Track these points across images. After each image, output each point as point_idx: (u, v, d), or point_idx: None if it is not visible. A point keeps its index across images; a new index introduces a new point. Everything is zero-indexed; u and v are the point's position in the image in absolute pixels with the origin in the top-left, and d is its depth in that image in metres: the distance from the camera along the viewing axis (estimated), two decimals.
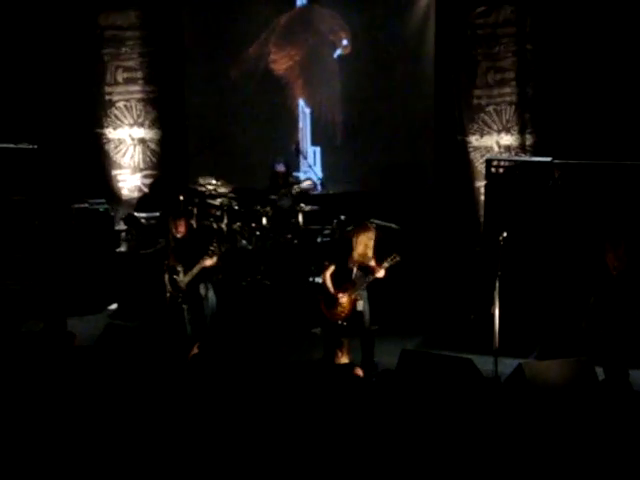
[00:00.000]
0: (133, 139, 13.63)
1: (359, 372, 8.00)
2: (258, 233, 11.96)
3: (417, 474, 6.40)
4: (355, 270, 9.44)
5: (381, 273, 9.37)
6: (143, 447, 6.69)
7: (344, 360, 8.17)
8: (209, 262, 9.85)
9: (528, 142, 12.44)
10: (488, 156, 11.98)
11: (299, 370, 8.36)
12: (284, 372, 8.27)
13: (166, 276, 9.90)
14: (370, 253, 9.40)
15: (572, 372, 7.89)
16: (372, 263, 9.42)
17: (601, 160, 10.57)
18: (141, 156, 13.69)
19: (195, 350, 8.27)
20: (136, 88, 13.61)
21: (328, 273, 9.54)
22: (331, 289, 9.47)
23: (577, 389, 7.64)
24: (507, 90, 12.55)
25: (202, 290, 10.01)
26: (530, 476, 6.38)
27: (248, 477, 6.44)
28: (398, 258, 9.36)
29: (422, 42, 13.07)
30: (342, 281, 9.47)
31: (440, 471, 6.41)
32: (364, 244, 9.37)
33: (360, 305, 9.47)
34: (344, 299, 9.46)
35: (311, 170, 13.10)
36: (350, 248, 9.41)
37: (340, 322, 9.50)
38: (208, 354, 8.24)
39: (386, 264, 9.36)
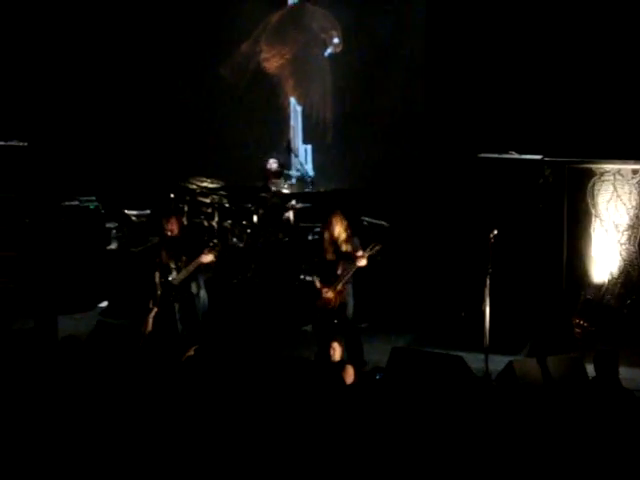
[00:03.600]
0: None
1: (350, 370, 8.02)
2: (249, 231, 11.96)
3: (408, 471, 6.41)
4: (340, 264, 9.49)
5: (363, 262, 9.40)
6: (135, 443, 6.68)
7: (336, 358, 8.21)
8: (208, 258, 9.75)
9: (518, 139, 12.44)
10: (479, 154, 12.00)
11: (291, 368, 8.37)
12: (277, 370, 8.27)
13: (157, 274, 9.88)
14: (344, 235, 9.45)
15: (562, 369, 7.91)
16: (357, 252, 9.47)
17: (592, 158, 10.59)
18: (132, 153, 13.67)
19: (191, 352, 8.27)
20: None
21: (314, 266, 9.64)
22: (317, 284, 9.53)
23: (567, 386, 7.66)
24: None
25: (194, 288, 9.98)
26: (521, 473, 6.39)
27: (244, 474, 6.43)
28: (378, 247, 9.42)
29: (413, 40, 13.08)
30: (327, 273, 9.52)
31: (431, 468, 6.42)
32: (338, 234, 9.44)
33: (345, 298, 9.53)
34: (329, 294, 9.49)
35: (302, 168, 13.10)
36: (328, 241, 9.48)
37: (329, 312, 9.51)
38: (202, 353, 8.25)
39: (366, 253, 9.40)
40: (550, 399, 7.31)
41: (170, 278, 9.89)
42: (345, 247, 9.49)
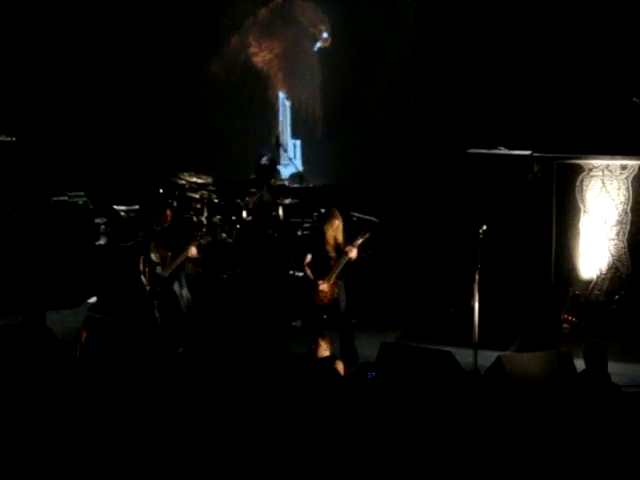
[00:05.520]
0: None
1: (340, 365, 8.02)
2: (238, 226, 11.95)
3: (397, 466, 6.42)
4: (333, 257, 9.53)
5: (353, 253, 9.43)
6: (125, 438, 6.67)
7: (325, 353, 8.21)
8: (192, 251, 9.80)
9: (507, 135, 12.46)
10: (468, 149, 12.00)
11: (282, 363, 8.37)
12: (265, 366, 8.27)
13: (146, 269, 9.87)
14: (341, 237, 9.48)
15: (551, 364, 7.93)
16: (346, 245, 9.51)
17: (581, 154, 10.61)
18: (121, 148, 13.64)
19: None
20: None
21: (306, 262, 9.66)
22: (311, 276, 9.54)
23: (556, 381, 7.68)
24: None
25: (176, 288, 9.97)
26: (510, 467, 6.41)
27: (235, 471, 6.43)
28: (368, 234, 9.46)
29: (402, 34, 13.09)
30: (323, 270, 9.52)
31: (420, 463, 6.43)
32: (334, 231, 9.47)
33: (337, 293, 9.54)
34: (324, 286, 9.49)
35: (291, 163, 13.09)
36: (324, 238, 9.49)
37: (322, 308, 9.53)
38: (190, 352, 8.25)
39: (356, 242, 9.42)
40: (539, 394, 7.33)
41: (158, 272, 9.88)
42: (340, 241, 9.52)
